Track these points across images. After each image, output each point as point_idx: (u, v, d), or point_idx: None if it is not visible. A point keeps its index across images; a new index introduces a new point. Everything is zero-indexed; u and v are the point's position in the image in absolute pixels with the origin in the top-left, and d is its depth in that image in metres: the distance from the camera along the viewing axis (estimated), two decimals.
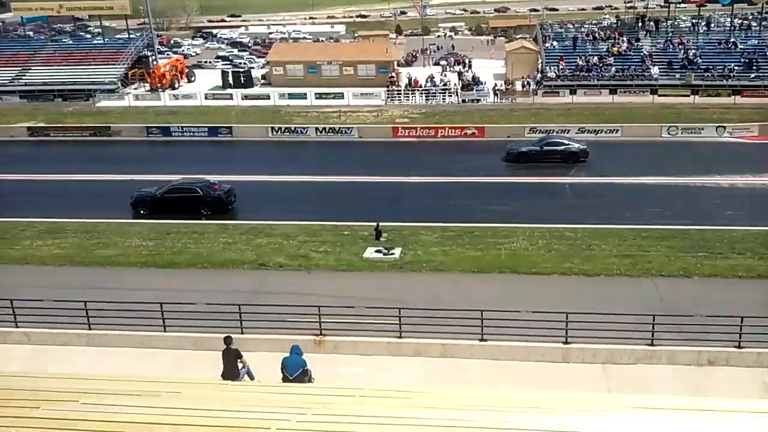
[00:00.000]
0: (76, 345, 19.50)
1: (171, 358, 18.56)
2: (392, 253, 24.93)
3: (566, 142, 39.40)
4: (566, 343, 18.34)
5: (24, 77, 63.59)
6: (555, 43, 61.06)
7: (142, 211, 31.79)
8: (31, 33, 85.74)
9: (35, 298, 20.09)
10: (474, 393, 11.40)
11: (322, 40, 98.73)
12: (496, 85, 56.30)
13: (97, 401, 7.17)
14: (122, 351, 19.10)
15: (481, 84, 56.79)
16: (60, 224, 29.53)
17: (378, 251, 25.13)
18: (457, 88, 56.65)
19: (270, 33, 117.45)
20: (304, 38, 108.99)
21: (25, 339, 19.76)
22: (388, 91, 56.87)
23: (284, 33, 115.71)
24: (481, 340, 18.54)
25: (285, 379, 14.79)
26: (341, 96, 55.92)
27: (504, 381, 16.83)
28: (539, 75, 57.77)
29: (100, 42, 74.20)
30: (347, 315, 18.79)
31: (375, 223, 26.85)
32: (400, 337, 18.78)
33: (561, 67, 57.08)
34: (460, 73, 62.52)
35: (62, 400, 7.19)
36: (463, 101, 54.89)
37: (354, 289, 21.94)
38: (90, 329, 19.66)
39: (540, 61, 59.91)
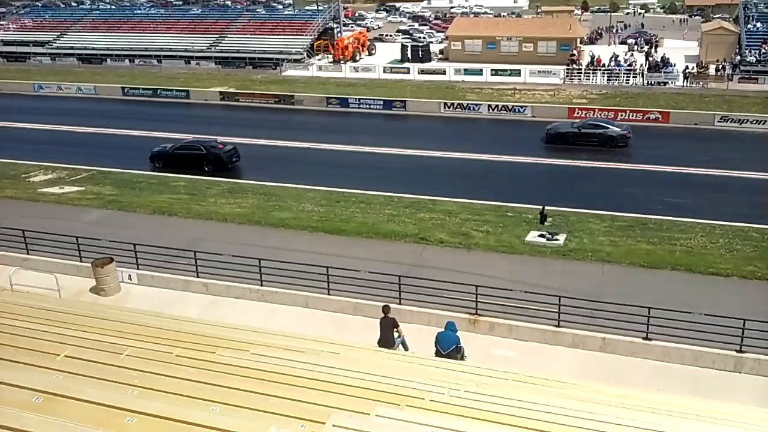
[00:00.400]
0: (247, 299, 20.84)
1: (331, 320, 19.38)
2: (556, 239, 24.27)
3: (606, 125, 38.19)
4: (740, 351, 16.99)
5: (220, 45, 68.40)
6: (759, 25, 55.88)
7: (157, 164, 35.49)
8: (228, 2, 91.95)
9: (215, 251, 21.79)
10: (632, 392, 10.93)
11: (503, 15, 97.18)
12: (687, 67, 52.65)
13: (265, 352, 7.69)
14: (288, 308, 20.22)
15: (671, 66, 53.35)
16: (241, 185, 31.65)
17: (541, 236, 24.56)
18: (643, 69, 53.64)
19: (452, 7, 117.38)
20: (485, 13, 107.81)
21: (204, 289, 21.42)
22: (567, 69, 55.03)
23: (466, 7, 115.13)
24: (646, 338, 17.62)
25: (438, 354, 14.98)
26: (518, 73, 54.91)
27: (665, 383, 15.94)
28: (737, 59, 53.19)
29: (290, 13, 78.28)
30: (504, 297, 18.59)
31: (540, 207, 26.24)
32: (558, 326, 18.31)
33: (764, 50, 52.14)
34: (647, 54, 59.07)
35: (235, 348, 7.77)
36: (649, 84, 51.90)
37: (513, 272, 21.64)
38: (261, 285, 20.91)
39: (739, 43, 55.11)
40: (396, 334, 16.26)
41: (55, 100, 55.33)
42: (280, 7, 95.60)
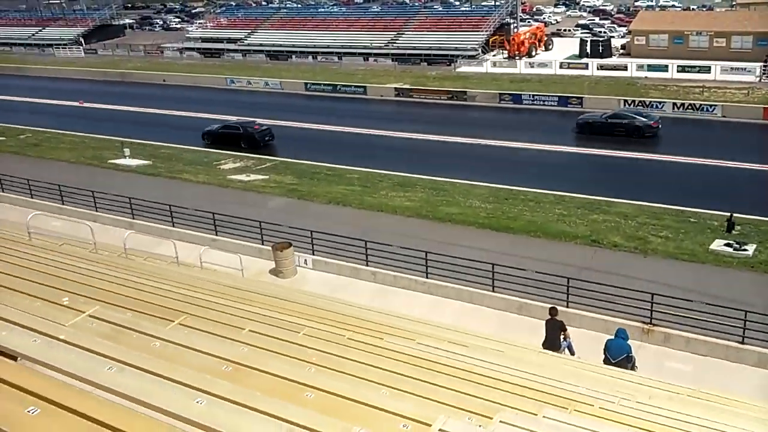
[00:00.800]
0: (413, 290, 21.23)
1: (494, 318, 19.25)
2: (745, 249, 22.39)
3: (632, 116, 39.08)
4: None
5: (397, 41, 69.90)
6: None
7: (206, 141, 40.91)
8: (407, 0, 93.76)
9: (384, 242, 22.37)
10: None
11: (693, 9, 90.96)
12: None
13: (430, 343, 7.82)
14: (452, 302, 20.37)
15: None
16: (411, 179, 32.18)
17: (728, 245, 22.76)
18: None
19: (636, 1, 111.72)
20: (673, 6, 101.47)
21: (372, 277, 22.09)
22: (765, 66, 50.44)
23: (651, 1, 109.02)
24: None
25: (606, 361, 14.38)
26: (707, 70, 51.19)
27: None
28: None
29: (467, 9, 78.25)
30: (683, 308, 17.48)
31: (728, 214, 24.32)
32: (743, 342, 16.92)
33: None
34: None
35: (402, 336, 7.97)
36: None
37: (693, 282, 20.25)
38: (427, 278, 21.24)
39: None
40: (562, 338, 15.83)
41: (245, 94, 59.41)
42: (457, 3, 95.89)
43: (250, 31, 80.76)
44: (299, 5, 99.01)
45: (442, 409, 4.12)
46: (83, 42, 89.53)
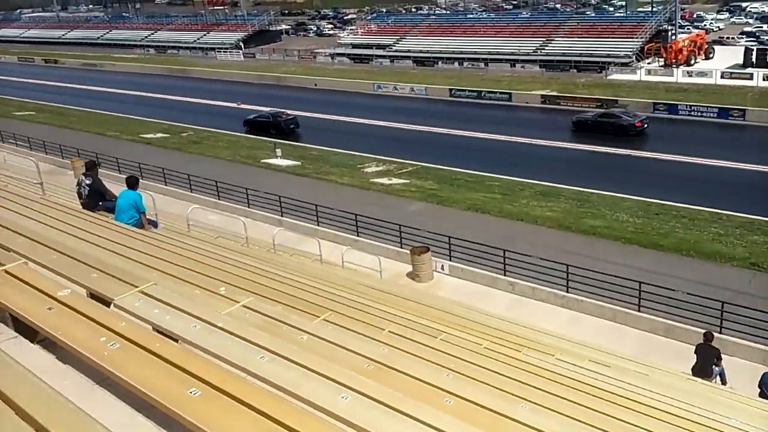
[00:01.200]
0: (551, 303, 20.66)
1: (638, 339, 18.38)
2: None
3: (620, 115, 42.48)
4: None
5: (546, 48, 68.44)
6: None
7: (246, 128, 47.36)
8: (558, 6, 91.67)
9: (523, 252, 21.98)
10: None
11: None
12: None
13: (570, 360, 7.60)
14: (592, 319, 19.63)
15: None
16: (555, 189, 31.34)
17: None
18: None
19: None
20: None
21: (510, 288, 21.71)
22: None
23: None
24: None
25: (762, 395, 13.32)
26: None
27: None
28: None
29: (622, 15, 75.33)
30: None
31: None
32: None
33: None
34: None
35: (540, 351, 7.81)
36: None
37: None
38: (567, 292, 20.61)
39: None
40: (714, 366, 14.83)
41: (390, 99, 60.43)
42: (611, 9, 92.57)
43: (398, 37, 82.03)
44: (448, 12, 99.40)
45: (584, 430, 4.00)
46: (243, 46, 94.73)
